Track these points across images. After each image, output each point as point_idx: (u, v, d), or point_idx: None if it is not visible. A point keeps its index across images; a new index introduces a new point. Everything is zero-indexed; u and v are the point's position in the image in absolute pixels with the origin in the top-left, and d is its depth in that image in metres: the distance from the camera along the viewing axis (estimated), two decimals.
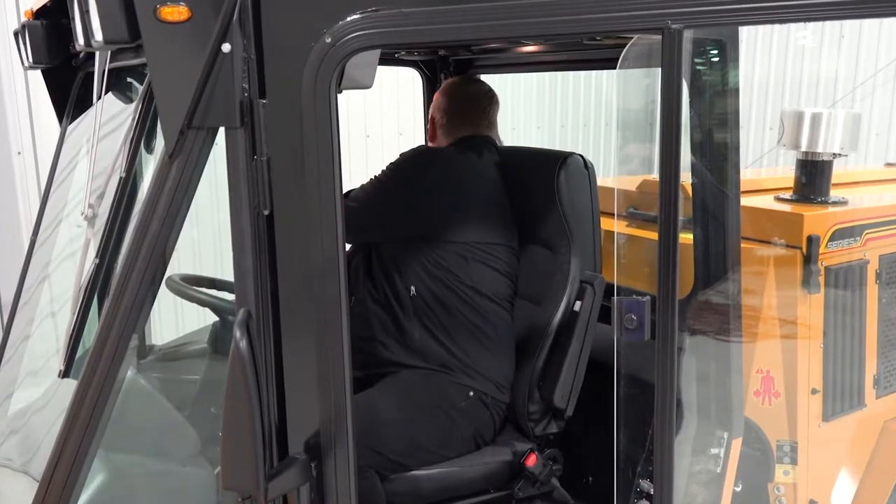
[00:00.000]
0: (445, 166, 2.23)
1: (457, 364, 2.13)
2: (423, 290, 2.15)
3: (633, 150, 1.73)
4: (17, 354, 2.33)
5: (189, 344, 2.53)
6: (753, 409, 2.04)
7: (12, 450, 2.19)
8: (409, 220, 2.18)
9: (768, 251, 2.07)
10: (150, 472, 2.00)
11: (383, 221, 2.20)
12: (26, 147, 4.13)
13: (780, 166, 4.15)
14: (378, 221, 2.20)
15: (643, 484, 1.71)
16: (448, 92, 2.44)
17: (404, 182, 2.18)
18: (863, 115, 2.27)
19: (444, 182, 2.18)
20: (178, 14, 1.25)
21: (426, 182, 2.18)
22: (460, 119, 2.38)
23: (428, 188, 2.17)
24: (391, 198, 2.18)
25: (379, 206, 2.19)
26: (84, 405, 1.40)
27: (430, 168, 2.22)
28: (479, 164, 2.30)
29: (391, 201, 2.18)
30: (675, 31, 1.22)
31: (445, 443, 2.09)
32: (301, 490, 1.40)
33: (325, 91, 1.28)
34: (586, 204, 2.29)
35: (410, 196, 2.17)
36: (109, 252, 1.79)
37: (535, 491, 2.12)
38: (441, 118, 2.41)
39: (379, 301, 2.20)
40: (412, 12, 1.27)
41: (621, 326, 1.41)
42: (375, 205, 2.19)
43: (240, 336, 1.20)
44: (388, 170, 2.20)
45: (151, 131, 1.70)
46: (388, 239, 2.22)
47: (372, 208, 2.18)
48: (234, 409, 1.22)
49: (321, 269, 1.34)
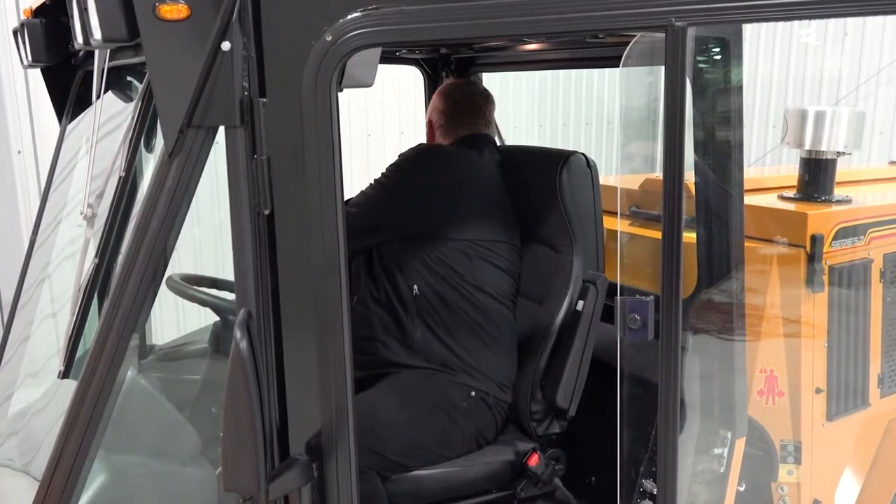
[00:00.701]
0: (445, 164, 2.23)
1: (459, 364, 2.13)
2: (425, 289, 2.14)
3: (636, 149, 1.72)
4: (17, 355, 2.33)
5: (190, 344, 2.53)
6: (757, 409, 2.04)
7: (12, 450, 2.18)
8: (410, 219, 2.17)
9: (772, 250, 2.06)
10: (150, 472, 1.99)
11: (386, 221, 2.19)
12: (26, 146, 4.12)
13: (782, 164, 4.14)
14: (381, 222, 2.19)
15: (646, 484, 1.70)
16: (444, 94, 2.44)
17: (405, 181, 2.18)
18: (866, 113, 2.25)
19: (444, 179, 2.17)
20: (178, 12, 1.24)
21: (426, 180, 2.17)
22: (458, 119, 2.38)
23: (429, 186, 2.16)
24: (393, 198, 2.17)
25: (381, 206, 2.18)
26: (84, 406, 1.39)
27: (431, 166, 2.21)
28: (479, 162, 2.29)
29: (393, 201, 2.17)
30: (678, 29, 1.21)
31: (446, 443, 2.09)
32: (302, 491, 1.39)
33: (325, 90, 1.28)
34: (589, 203, 2.28)
35: (412, 195, 2.17)
36: (109, 252, 1.78)
37: (538, 491, 2.11)
38: (439, 119, 2.40)
39: (380, 301, 2.20)
40: (413, 10, 1.26)
41: (625, 326, 1.41)
42: (377, 206, 2.18)
43: (240, 336, 1.20)
44: (388, 170, 2.20)
45: (151, 130, 1.69)
46: (390, 239, 2.21)
47: (374, 210, 2.18)
48: (234, 410, 1.21)
49: (322, 269, 1.34)
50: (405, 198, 2.17)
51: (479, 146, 2.32)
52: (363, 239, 2.17)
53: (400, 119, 5.02)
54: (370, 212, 2.18)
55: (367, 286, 2.22)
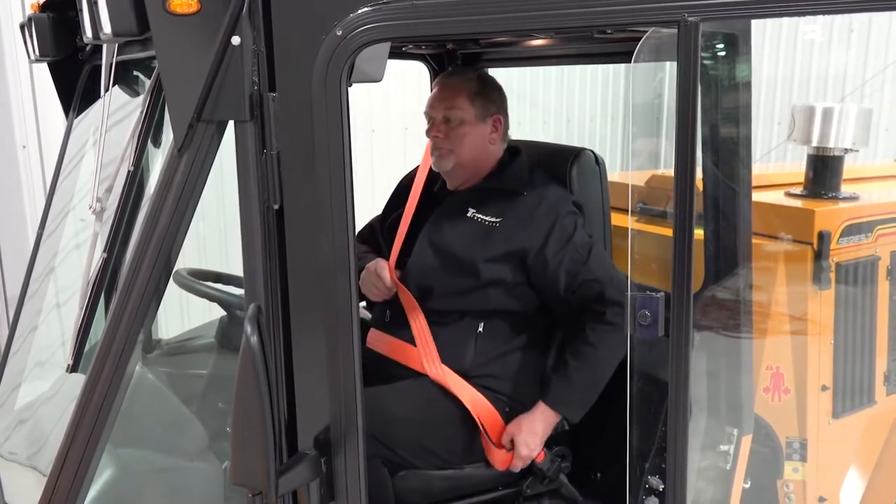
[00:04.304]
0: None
1: (498, 384, 2.08)
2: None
3: (644, 145, 1.72)
4: (23, 350, 2.33)
5: (196, 338, 2.53)
6: (763, 406, 2.03)
7: (18, 444, 2.19)
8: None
9: (779, 247, 2.05)
10: (156, 467, 2.00)
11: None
12: (31, 141, 4.12)
13: (788, 161, 4.13)
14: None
15: (652, 480, 1.70)
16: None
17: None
18: (873, 110, 2.25)
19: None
20: (188, 6, 1.24)
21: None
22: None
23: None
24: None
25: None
26: (93, 400, 1.40)
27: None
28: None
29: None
30: (691, 24, 1.21)
31: (460, 453, 2.04)
32: (311, 486, 1.39)
33: (335, 84, 1.27)
34: (597, 200, 2.28)
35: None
36: (117, 247, 1.78)
37: (544, 488, 2.11)
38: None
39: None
40: (423, 5, 1.26)
41: (635, 323, 1.40)
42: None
43: (251, 331, 1.20)
44: (577, 224, 2.10)
45: (159, 125, 1.69)
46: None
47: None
48: (244, 405, 1.21)
49: (331, 264, 1.34)
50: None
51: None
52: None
53: (404, 115, 5.01)
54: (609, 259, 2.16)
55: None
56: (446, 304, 2.08)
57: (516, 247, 2.04)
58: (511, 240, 2.05)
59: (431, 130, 2.14)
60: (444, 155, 2.12)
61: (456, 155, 2.12)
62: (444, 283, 2.08)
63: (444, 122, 2.12)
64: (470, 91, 2.13)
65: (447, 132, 2.11)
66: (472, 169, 2.17)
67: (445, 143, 2.12)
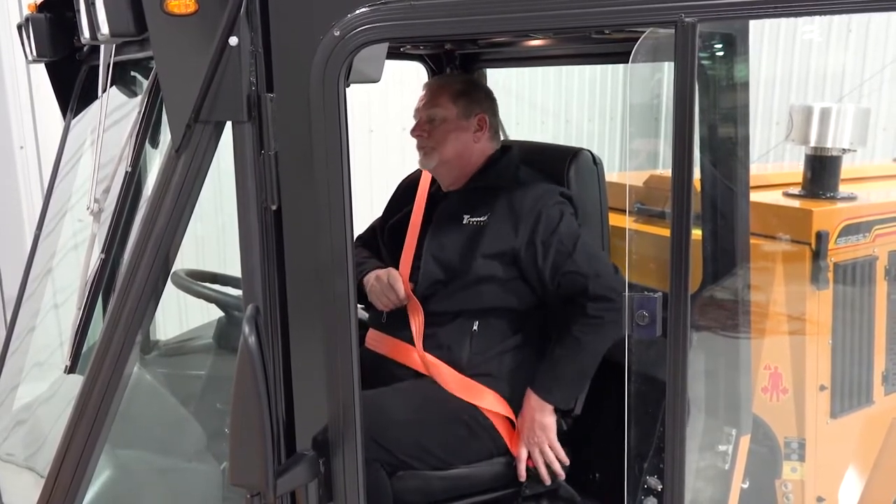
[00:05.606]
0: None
1: (495, 383, 2.07)
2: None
3: (642, 145, 1.72)
4: (21, 351, 2.33)
5: (194, 339, 2.53)
6: (761, 406, 2.03)
7: (16, 445, 2.19)
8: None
9: (777, 247, 2.05)
10: (154, 468, 1.99)
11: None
12: (28, 141, 4.12)
13: (786, 161, 4.14)
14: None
15: (650, 481, 1.70)
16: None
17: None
18: (871, 110, 2.25)
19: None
20: (185, 7, 1.24)
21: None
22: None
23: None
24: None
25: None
26: (91, 401, 1.39)
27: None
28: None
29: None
30: (688, 25, 1.21)
31: (459, 454, 2.04)
32: (309, 486, 1.39)
33: (333, 85, 1.27)
34: (595, 200, 2.28)
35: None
36: (115, 247, 1.78)
37: (542, 488, 2.11)
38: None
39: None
40: (421, 5, 1.26)
41: (632, 323, 1.40)
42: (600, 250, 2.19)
43: (248, 332, 1.20)
44: (563, 213, 2.10)
45: (157, 125, 1.69)
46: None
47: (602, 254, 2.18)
48: (242, 405, 1.21)
49: (330, 265, 1.33)
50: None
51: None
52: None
53: (402, 115, 5.01)
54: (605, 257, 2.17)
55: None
56: (441, 305, 2.09)
57: (504, 243, 2.05)
58: (498, 236, 2.06)
59: (415, 130, 2.17)
60: (428, 153, 2.15)
61: (439, 153, 2.14)
62: (445, 289, 2.10)
63: (428, 121, 2.15)
64: (452, 91, 2.16)
65: (430, 131, 2.14)
66: (458, 167, 2.18)
67: (429, 141, 2.14)
